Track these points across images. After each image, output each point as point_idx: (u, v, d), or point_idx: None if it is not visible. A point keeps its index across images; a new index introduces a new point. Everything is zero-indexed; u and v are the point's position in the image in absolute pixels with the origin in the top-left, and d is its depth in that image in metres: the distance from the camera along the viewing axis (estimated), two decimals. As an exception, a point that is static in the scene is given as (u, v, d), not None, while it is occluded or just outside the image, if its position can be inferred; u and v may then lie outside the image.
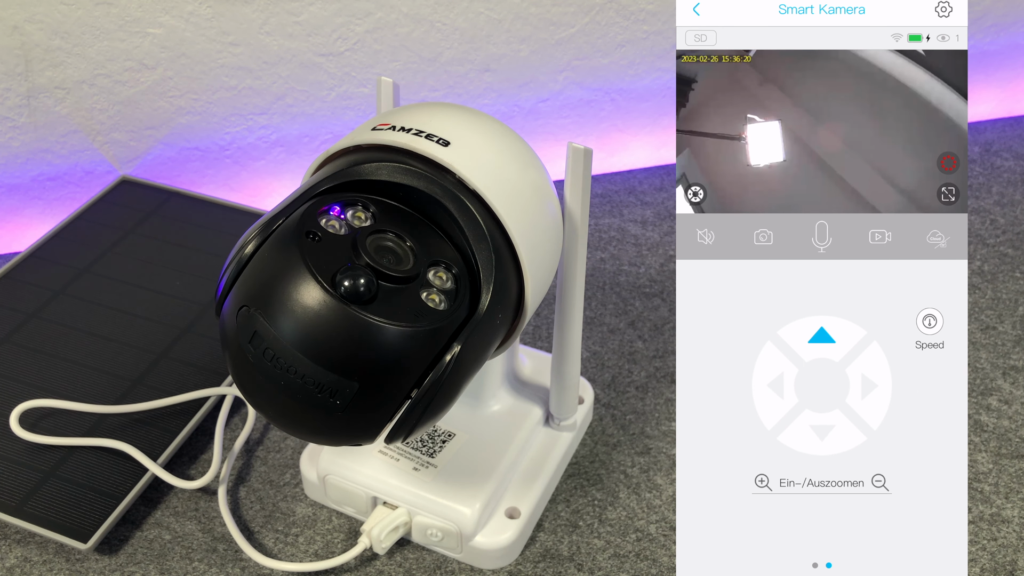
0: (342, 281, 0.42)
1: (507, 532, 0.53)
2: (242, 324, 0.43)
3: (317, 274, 0.42)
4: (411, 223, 0.45)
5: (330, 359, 0.42)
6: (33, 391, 0.61)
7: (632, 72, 0.81)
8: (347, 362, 0.42)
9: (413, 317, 0.43)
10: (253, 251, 0.43)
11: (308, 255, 0.42)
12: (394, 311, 0.42)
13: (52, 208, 0.77)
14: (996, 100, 0.91)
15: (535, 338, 0.68)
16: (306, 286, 0.42)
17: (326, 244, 0.43)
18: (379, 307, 0.42)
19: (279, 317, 0.42)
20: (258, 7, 0.72)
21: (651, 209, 0.79)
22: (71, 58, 0.71)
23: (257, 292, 0.43)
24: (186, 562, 0.54)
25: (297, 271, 0.42)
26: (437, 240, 0.45)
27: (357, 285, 0.42)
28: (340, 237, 0.44)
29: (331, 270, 0.42)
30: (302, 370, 0.42)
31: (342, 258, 0.43)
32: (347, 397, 0.42)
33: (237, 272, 0.43)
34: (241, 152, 0.78)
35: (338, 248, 0.43)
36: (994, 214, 0.78)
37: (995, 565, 0.54)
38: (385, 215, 0.45)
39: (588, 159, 0.48)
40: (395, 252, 0.44)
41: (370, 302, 0.42)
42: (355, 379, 0.42)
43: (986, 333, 0.68)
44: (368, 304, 0.42)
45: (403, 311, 0.43)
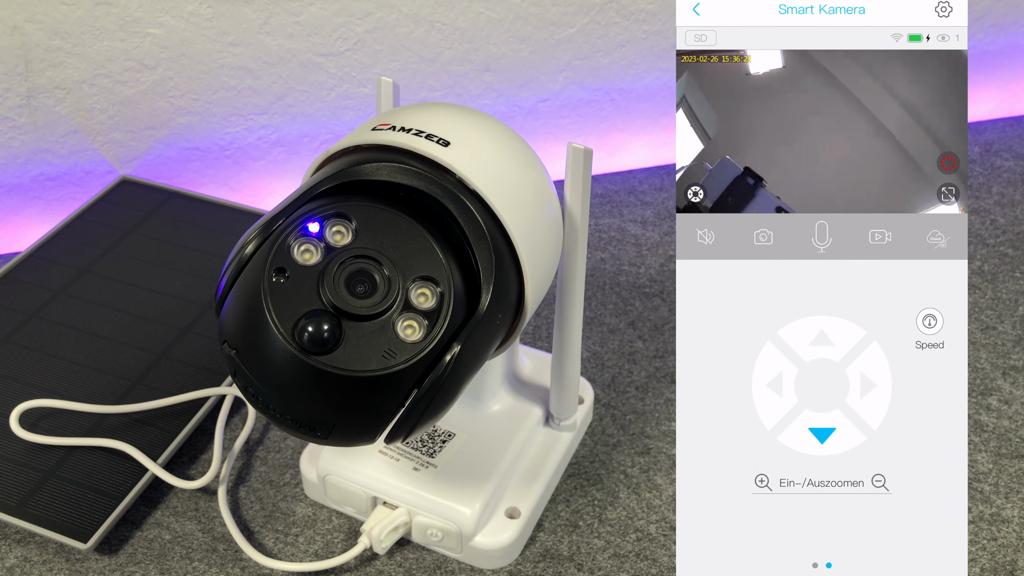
0: (304, 329, 0.41)
1: (507, 532, 0.53)
2: (225, 358, 0.44)
3: (279, 324, 0.42)
4: (395, 234, 0.44)
5: (298, 408, 0.43)
6: (33, 391, 0.61)
7: (632, 72, 0.81)
8: (316, 409, 0.43)
9: (383, 357, 0.42)
10: (253, 251, 0.43)
11: (272, 300, 0.42)
12: (362, 354, 0.42)
13: (52, 208, 0.77)
14: (996, 100, 0.91)
15: (535, 338, 0.68)
16: (268, 336, 0.42)
17: (294, 281, 0.42)
18: (346, 352, 0.42)
19: (250, 362, 0.42)
20: (258, 7, 0.72)
21: (651, 209, 0.79)
22: (71, 58, 0.71)
23: (232, 331, 0.43)
24: (186, 562, 0.54)
25: (260, 320, 0.42)
26: (422, 251, 0.43)
27: (319, 333, 0.41)
28: (310, 269, 0.42)
29: (296, 314, 0.42)
30: (279, 409, 0.43)
31: (309, 297, 0.42)
32: (327, 431, 0.43)
33: (237, 272, 0.43)
34: (241, 152, 0.78)
35: (307, 284, 0.42)
36: (994, 214, 0.78)
37: (995, 565, 0.54)
38: (367, 228, 0.43)
39: (588, 159, 0.48)
40: (370, 278, 0.43)
41: (336, 347, 0.42)
42: (329, 420, 0.43)
43: (986, 333, 0.68)
44: (333, 349, 0.42)
45: (373, 351, 0.42)
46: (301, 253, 0.43)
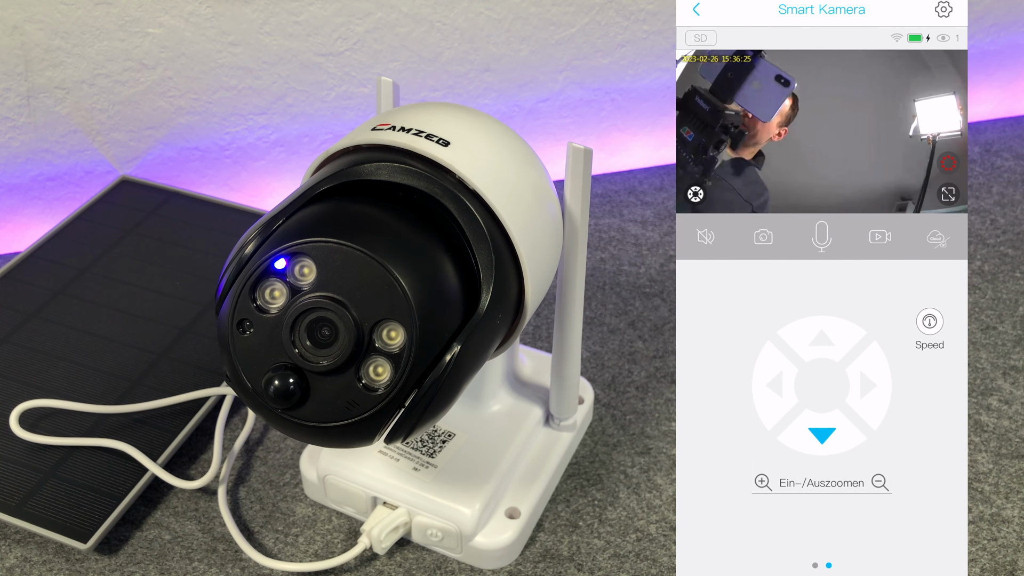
0: (270, 384, 0.42)
1: (507, 532, 0.53)
2: None
3: (247, 379, 0.43)
4: (360, 269, 0.41)
5: (285, 431, 0.45)
6: (33, 391, 0.61)
7: (632, 72, 0.81)
8: (300, 436, 0.44)
9: (346, 409, 0.42)
10: (253, 251, 0.43)
11: (238, 355, 0.43)
12: (328, 408, 0.42)
13: (52, 208, 0.77)
14: (996, 100, 0.91)
15: (535, 338, 0.68)
16: (242, 387, 0.43)
17: (258, 334, 0.42)
18: (313, 405, 0.43)
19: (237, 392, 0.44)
20: (258, 7, 0.72)
21: (651, 209, 0.79)
22: (71, 58, 0.71)
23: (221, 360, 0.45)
24: (186, 562, 0.54)
25: (233, 371, 0.43)
26: (388, 287, 0.41)
27: (284, 390, 0.42)
28: (273, 320, 0.42)
29: (263, 369, 0.42)
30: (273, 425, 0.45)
31: (275, 350, 0.42)
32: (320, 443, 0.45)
33: (237, 272, 0.43)
34: (241, 152, 0.78)
35: (271, 336, 0.42)
36: (994, 214, 0.78)
37: (995, 565, 0.54)
38: (330, 263, 0.42)
39: (588, 159, 0.48)
40: (332, 324, 0.42)
41: (303, 401, 0.42)
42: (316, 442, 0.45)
43: (986, 333, 0.68)
44: (301, 403, 0.42)
45: (338, 404, 0.42)
46: (267, 296, 0.43)
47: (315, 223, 0.43)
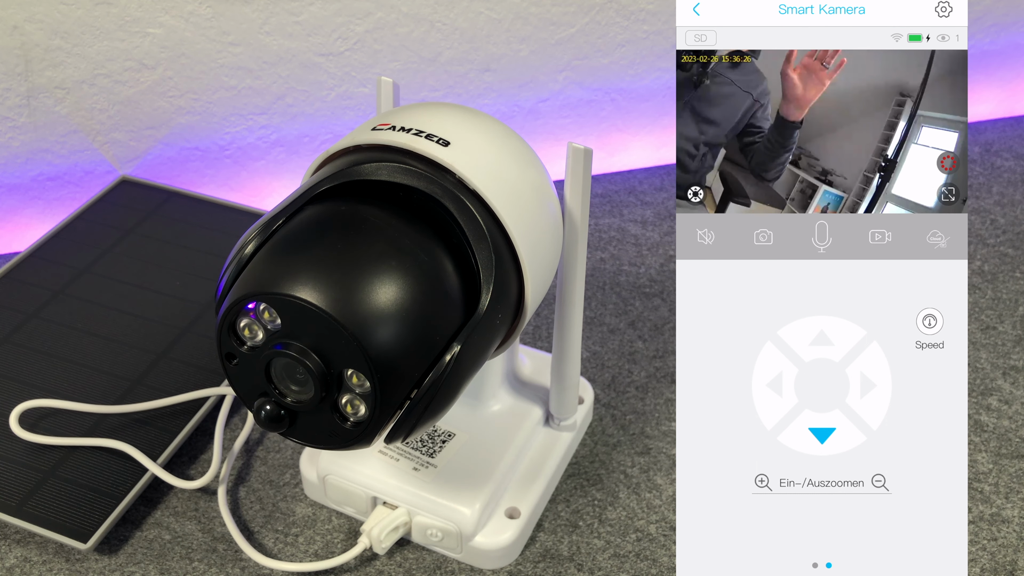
0: (260, 410, 0.44)
1: (507, 532, 0.53)
2: None
3: (243, 397, 0.45)
4: (319, 324, 0.41)
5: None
6: (33, 391, 0.61)
7: (632, 72, 0.81)
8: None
9: (327, 438, 0.44)
10: (253, 251, 0.43)
11: (232, 381, 0.45)
12: (314, 433, 0.45)
13: (52, 208, 0.77)
14: (996, 100, 0.91)
15: (535, 338, 0.68)
16: (243, 403, 0.45)
17: (243, 366, 0.44)
18: (301, 429, 0.45)
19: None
20: (258, 7, 0.72)
21: (651, 209, 0.79)
22: (71, 58, 0.71)
23: None
24: (186, 562, 0.54)
25: (234, 389, 0.46)
26: (345, 341, 0.41)
27: (274, 415, 0.44)
28: (254, 353, 0.43)
29: (254, 394, 0.45)
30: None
31: (260, 380, 0.44)
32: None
33: (237, 272, 0.43)
34: (241, 152, 0.78)
35: (255, 367, 0.44)
36: (994, 214, 0.78)
37: (995, 565, 0.54)
38: (293, 315, 0.42)
39: (588, 159, 0.48)
40: (305, 367, 0.42)
41: (292, 425, 0.45)
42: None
43: (986, 333, 0.68)
44: (291, 426, 0.45)
45: (322, 431, 0.44)
46: (246, 333, 0.43)
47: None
